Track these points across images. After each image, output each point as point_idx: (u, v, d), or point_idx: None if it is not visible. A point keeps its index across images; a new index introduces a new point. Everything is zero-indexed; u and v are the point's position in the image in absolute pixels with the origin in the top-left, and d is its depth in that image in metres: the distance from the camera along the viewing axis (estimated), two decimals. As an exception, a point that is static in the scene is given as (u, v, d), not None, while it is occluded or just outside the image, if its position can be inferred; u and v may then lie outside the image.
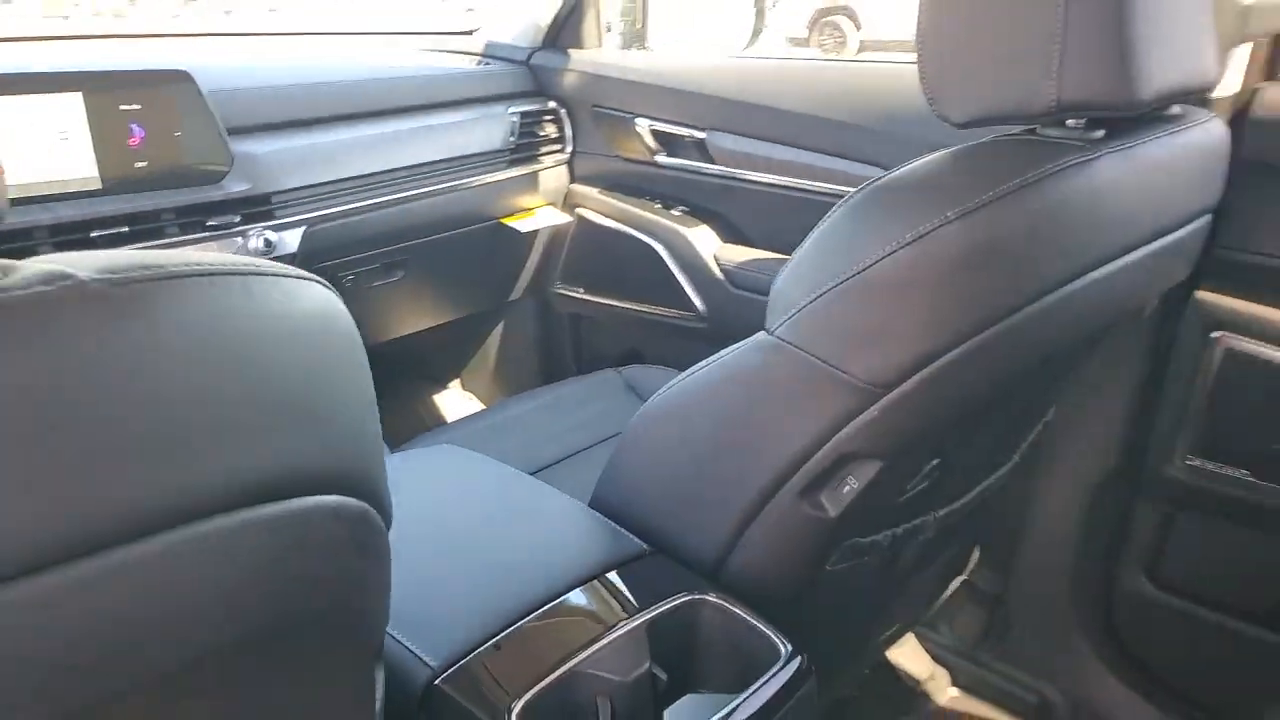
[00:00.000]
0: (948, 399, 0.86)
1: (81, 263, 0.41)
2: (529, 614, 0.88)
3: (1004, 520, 1.52)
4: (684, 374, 1.00)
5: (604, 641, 0.84)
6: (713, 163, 1.83)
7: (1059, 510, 1.49)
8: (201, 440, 0.44)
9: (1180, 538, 1.42)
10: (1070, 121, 0.90)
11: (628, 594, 0.92)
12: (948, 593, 1.53)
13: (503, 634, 0.85)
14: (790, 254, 0.89)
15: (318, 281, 0.51)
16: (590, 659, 0.83)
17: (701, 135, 1.82)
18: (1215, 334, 1.29)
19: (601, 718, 0.81)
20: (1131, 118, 0.91)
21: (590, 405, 1.66)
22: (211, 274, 0.45)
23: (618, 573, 0.94)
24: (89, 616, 0.42)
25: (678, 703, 0.83)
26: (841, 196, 0.89)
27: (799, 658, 0.85)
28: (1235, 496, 1.32)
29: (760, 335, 0.91)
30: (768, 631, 0.87)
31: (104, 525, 0.42)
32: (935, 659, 1.63)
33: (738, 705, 0.81)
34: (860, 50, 8.16)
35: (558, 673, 0.81)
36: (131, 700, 0.47)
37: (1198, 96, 1.02)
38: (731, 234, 1.86)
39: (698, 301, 1.85)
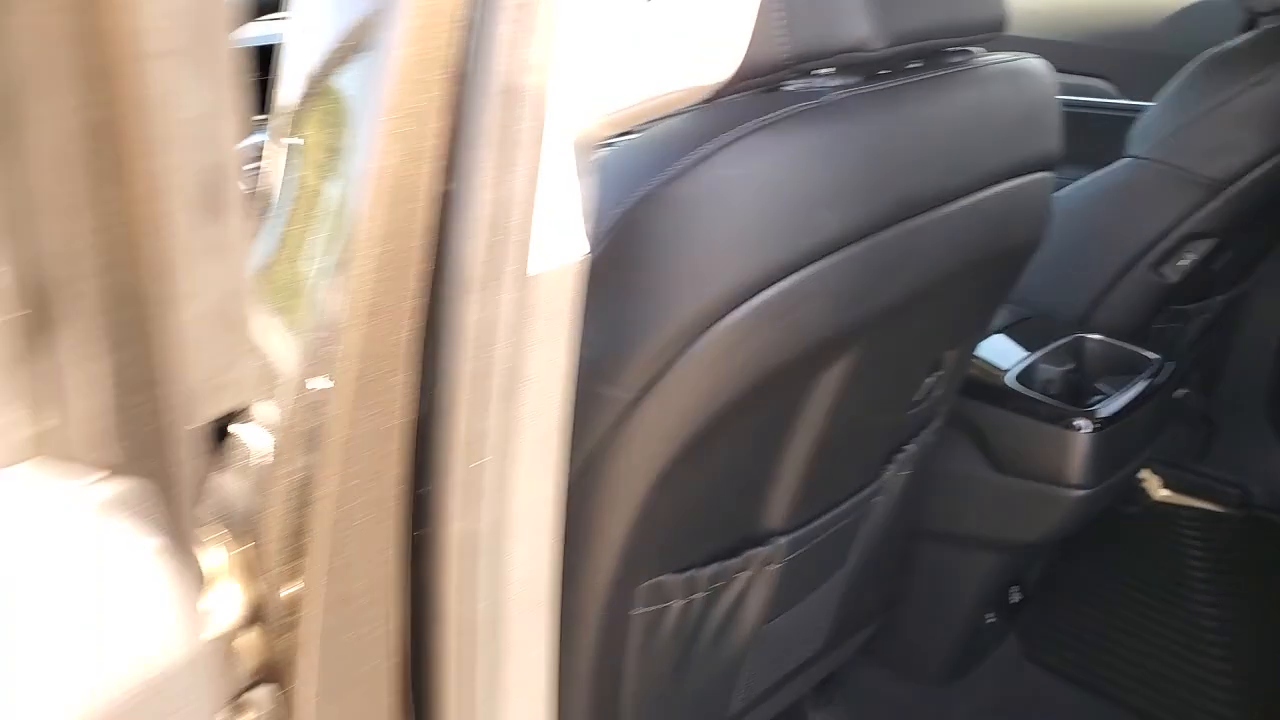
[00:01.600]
0: (1266, 193, 1.30)
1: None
2: None
3: (1214, 348, 1.96)
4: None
5: (1039, 353, 1.30)
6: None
7: (1258, 339, 1.93)
8: (1018, 135, 0.90)
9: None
10: None
11: (1031, 336, 1.37)
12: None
13: None
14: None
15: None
16: (1038, 360, 1.29)
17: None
18: None
19: (1061, 388, 1.27)
20: None
21: None
22: (1012, 60, 0.91)
23: (1021, 324, 1.39)
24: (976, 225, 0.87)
25: (1093, 385, 1.28)
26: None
27: (1170, 363, 1.30)
28: None
29: (1125, 160, 1.36)
30: (1139, 350, 1.32)
31: (992, 168, 0.87)
32: (1148, 469, 2.07)
33: (1134, 383, 1.26)
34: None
35: (1025, 362, 1.27)
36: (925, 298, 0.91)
37: None
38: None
39: None
